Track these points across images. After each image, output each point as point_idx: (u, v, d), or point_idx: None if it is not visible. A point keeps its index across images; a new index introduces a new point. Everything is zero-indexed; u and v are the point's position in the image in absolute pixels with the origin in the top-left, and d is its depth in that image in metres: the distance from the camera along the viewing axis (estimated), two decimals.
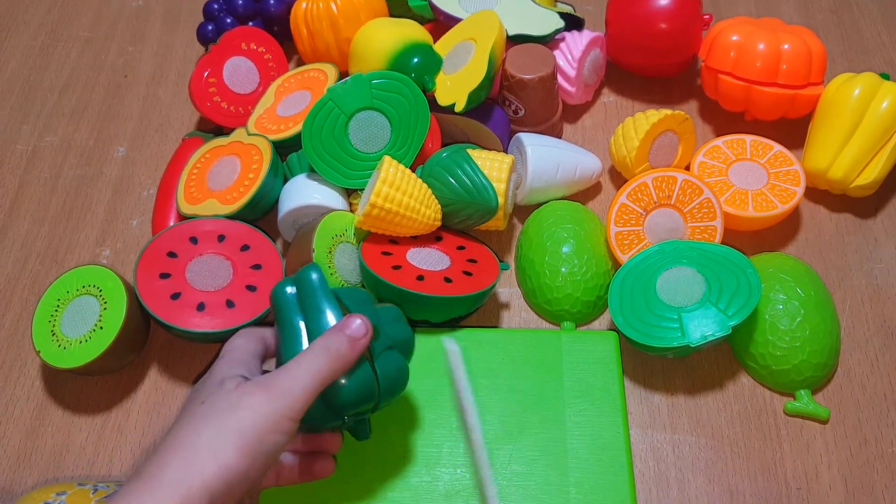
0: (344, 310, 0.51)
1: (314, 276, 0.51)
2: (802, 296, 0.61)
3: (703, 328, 0.58)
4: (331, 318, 0.49)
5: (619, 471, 0.56)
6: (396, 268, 0.62)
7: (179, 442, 0.42)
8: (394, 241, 0.66)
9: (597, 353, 0.62)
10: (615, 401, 0.60)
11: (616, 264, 0.67)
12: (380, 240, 0.65)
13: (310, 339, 0.49)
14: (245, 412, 0.43)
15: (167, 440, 0.43)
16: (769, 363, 0.61)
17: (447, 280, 0.62)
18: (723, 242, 0.65)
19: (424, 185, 0.65)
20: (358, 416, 0.51)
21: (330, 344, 0.47)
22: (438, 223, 0.66)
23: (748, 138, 0.72)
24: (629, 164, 0.70)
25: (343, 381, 0.48)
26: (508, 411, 0.60)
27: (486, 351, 0.63)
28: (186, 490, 0.40)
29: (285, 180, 0.70)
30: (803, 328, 0.60)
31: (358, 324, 0.48)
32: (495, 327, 0.67)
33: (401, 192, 0.62)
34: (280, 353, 0.50)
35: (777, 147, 0.71)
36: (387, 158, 0.63)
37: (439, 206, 0.66)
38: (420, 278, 0.61)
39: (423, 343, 0.63)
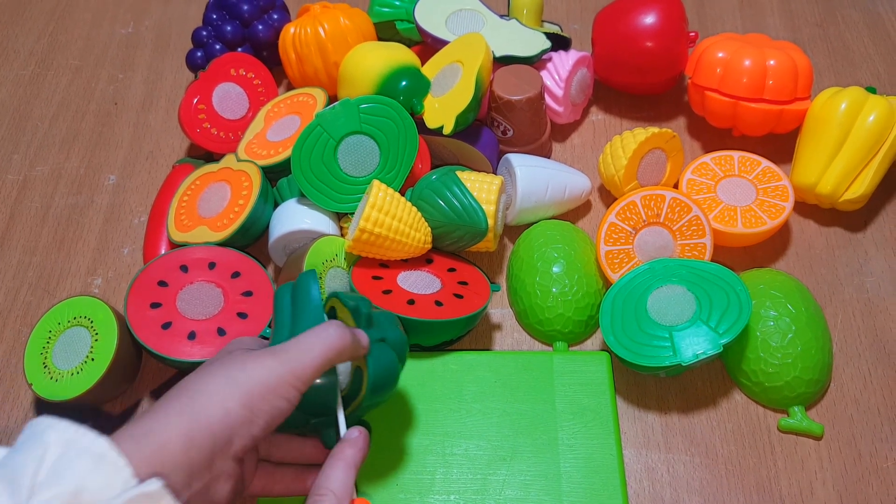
0: (341, 308, 0.53)
1: (311, 282, 0.52)
2: (793, 312, 0.61)
3: (694, 346, 0.58)
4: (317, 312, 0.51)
5: (613, 494, 0.56)
6: (387, 292, 0.62)
7: (186, 388, 0.43)
8: (384, 264, 0.66)
9: (589, 374, 0.62)
10: (608, 422, 0.60)
11: (607, 283, 0.67)
12: (370, 264, 0.65)
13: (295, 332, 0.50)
14: (254, 369, 0.44)
15: (175, 388, 0.44)
16: (761, 380, 0.61)
17: (438, 304, 0.62)
18: (713, 259, 0.66)
19: (414, 209, 0.65)
20: (324, 419, 0.51)
21: (343, 331, 0.47)
22: (428, 246, 0.66)
23: (736, 154, 0.72)
24: (618, 183, 0.71)
25: (320, 380, 0.48)
26: (501, 435, 0.59)
27: (477, 374, 0.63)
28: (191, 426, 0.40)
29: (276, 206, 0.71)
30: (794, 344, 0.60)
31: (364, 335, 0.49)
32: (487, 349, 0.67)
33: (390, 217, 0.62)
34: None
35: (765, 163, 0.71)
36: (376, 182, 0.64)
37: (429, 229, 0.66)
38: (411, 302, 0.61)
39: (414, 367, 0.63)
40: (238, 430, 0.42)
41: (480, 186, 0.66)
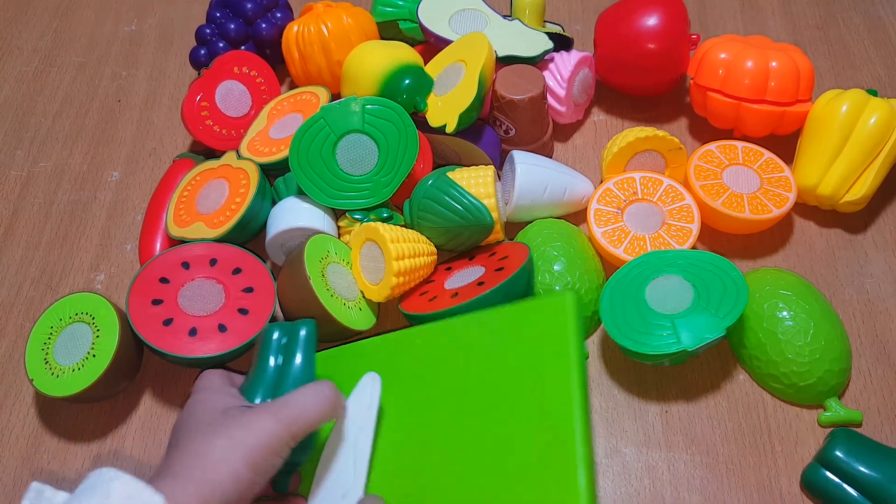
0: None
1: (303, 331, 0.55)
2: (807, 307, 0.61)
3: (697, 332, 0.58)
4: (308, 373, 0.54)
5: (568, 451, 0.45)
6: (433, 300, 0.63)
7: (195, 450, 0.45)
8: (429, 280, 0.67)
9: (549, 320, 0.50)
10: (567, 372, 0.47)
11: (608, 269, 0.68)
12: (415, 288, 0.66)
13: (283, 384, 0.53)
14: (256, 431, 0.46)
15: (181, 449, 0.46)
16: (795, 381, 0.61)
17: (480, 284, 0.62)
18: (718, 253, 0.66)
19: (408, 231, 0.66)
20: (288, 469, 0.53)
21: (336, 392, 0.50)
22: (434, 249, 0.67)
23: (740, 144, 0.73)
24: (603, 171, 0.73)
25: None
26: (458, 402, 0.52)
27: (438, 344, 0.56)
28: (207, 492, 0.43)
29: (274, 204, 0.71)
30: (818, 339, 0.60)
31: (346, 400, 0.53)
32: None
33: (407, 241, 0.64)
34: (250, 389, 0.53)
35: (767, 154, 0.73)
36: (367, 225, 0.65)
37: (425, 237, 0.67)
38: (455, 296, 0.62)
39: (380, 348, 0.59)
40: (245, 491, 0.45)
41: (476, 182, 0.66)
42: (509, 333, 0.52)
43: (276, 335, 0.55)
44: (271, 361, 0.54)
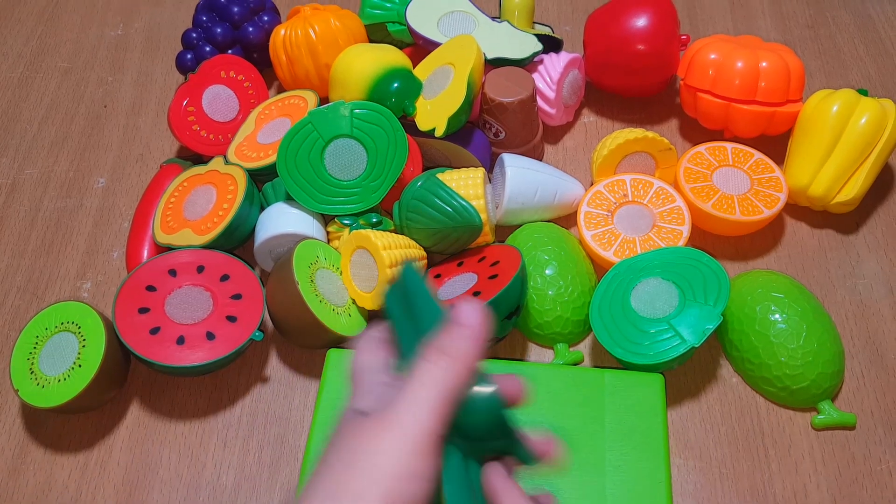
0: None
1: (412, 271, 0.40)
2: (799, 310, 0.61)
3: (697, 326, 0.59)
4: (434, 311, 0.39)
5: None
6: None
7: (331, 492, 0.34)
8: None
9: (640, 396, 0.60)
10: (658, 446, 0.57)
11: (599, 272, 0.68)
12: None
13: (419, 337, 0.38)
14: (383, 461, 0.34)
15: (316, 484, 0.35)
16: (787, 384, 0.60)
17: (476, 294, 0.61)
18: (710, 255, 0.66)
19: (397, 236, 0.65)
20: (508, 440, 0.39)
21: (445, 347, 0.36)
22: (424, 254, 0.66)
23: (729, 146, 0.73)
24: (594, 173, 0.73)
25: (465, 402, 0.37)
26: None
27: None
28: None
29: (262, 210, 0.70)
30: (811, 342, 0.60)
31: (472, 310, 0.36)
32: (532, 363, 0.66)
33: (398, 248, 0.63)
34: (400, 363, 0.40)
35: (757, 154, 0.72)
36: (358, 233, 0.64)
37: (414, 241, 0.67)
38: None
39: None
40: None
41: (466, 184, 0.66)
42: (599, 395, 0.60)
43: (395, 294, 0.41)
44: (403, 324, 0.40)
